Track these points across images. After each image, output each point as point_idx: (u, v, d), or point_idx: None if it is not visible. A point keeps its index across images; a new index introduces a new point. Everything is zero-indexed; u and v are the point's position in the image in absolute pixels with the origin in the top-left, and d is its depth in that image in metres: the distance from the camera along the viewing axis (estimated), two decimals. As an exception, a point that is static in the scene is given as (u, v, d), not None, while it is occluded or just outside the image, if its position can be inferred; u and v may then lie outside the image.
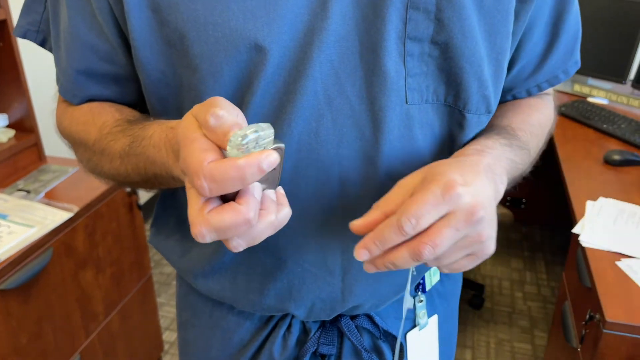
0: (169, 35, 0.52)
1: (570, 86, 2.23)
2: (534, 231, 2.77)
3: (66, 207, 1.32)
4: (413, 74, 0.53)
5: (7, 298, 1.15)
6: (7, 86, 1.45)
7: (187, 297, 0.75)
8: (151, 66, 0.54)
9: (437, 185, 0.44)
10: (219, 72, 0.51)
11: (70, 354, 1.37)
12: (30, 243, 1.18)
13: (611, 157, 1.58)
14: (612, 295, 1.05)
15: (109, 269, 1.49)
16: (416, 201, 0.43)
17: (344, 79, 0.52)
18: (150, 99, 0.58)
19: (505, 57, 0.56)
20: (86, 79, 0.60)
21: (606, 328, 1.01)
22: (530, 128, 0.64)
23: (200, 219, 0.39)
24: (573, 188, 1.44)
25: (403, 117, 0.54)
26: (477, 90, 0.55)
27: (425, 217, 0.43)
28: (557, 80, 0.67)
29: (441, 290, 0.76)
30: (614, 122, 1.83)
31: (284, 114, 0.52)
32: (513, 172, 0.57)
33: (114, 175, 0.59)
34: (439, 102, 0.56)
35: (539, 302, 2.31)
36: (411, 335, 0.73)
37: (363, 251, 0.45)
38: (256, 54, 0.50)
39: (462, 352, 2.05)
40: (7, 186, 1.39)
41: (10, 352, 1.18)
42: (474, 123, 0.58)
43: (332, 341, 0.68)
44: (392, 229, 0.43)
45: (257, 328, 0.70)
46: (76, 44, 0.58)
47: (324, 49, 0.50)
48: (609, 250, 1.18)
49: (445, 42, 0.52)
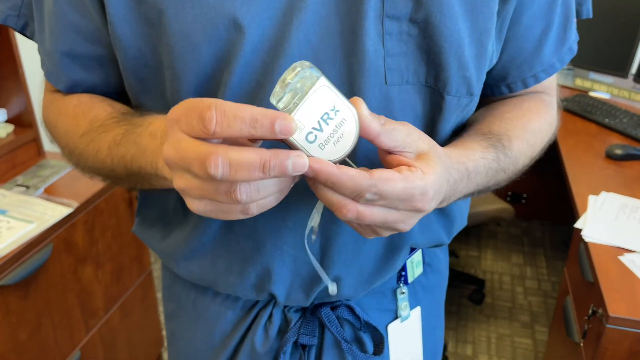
0: (147, 12, 0.51)
1: (571, 80, 2.22)
2: (534, 226, 2.77)
3: (65, 203, 1.31)
4: (392, 54, 0.52)
5: (7, 294, 1.14)
6: (5, 80, 1.44)
7: (172, 288, 0.76)
8: (129, 43, 0.53)
9: (416, 187, 0.44)
10: (197, 51, 0.51)
11: (71, 350, 1.37)
12: (29, 239, 1.17)
13: (613, 151, 1.57)
14: (615, 290, 1.05)
15: (109, 264, 1.48)
16: (393, 188, 0.43)
17: (323, 60, 0.51)
18: (128, 77, 0.57)
19: (488, 38, 0.55)
20: (70, 61, 0.59)
21: (609, 323, 1.00)
22: (528, 136, 0.62)
23: (219, 148, 0.38)
24: (575, 183, 1.43)
25: (382, 99, 0.53)
26: (457, 71, 0.54)
27: (387, 200, 0.43)
28: (553, 69, 0.65)
29: (425, 282, 0.76)
30: (615, 117, 1.83)
31: (262, 94, 0.52)
32: (470, 192, 0.58)
33: (98, 168, 0.58)
34: (420, 83, 0.55)
35: (540, 297, 2.31)
36: (392, 327, 0.73)
37: (304, 164, 0.40)
38: (234, 32, 0.49)
39: (462, 347, 2.05)
40: (6, 181, 1.38)
41: (10, 348, 1.17)
42: (454, 105, 0.56)
43: (313, 331, 0.68)
44: (352, 187, 0.42)
45: (239, 318, 0.70)
46: (60, 25, 0.57)
47: (302, 29, 0.50)
48: (612, 245, 1.17)
49: (424, 19, 0.51)
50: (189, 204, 0.43)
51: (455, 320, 2.17)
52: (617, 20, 1.98)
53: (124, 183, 0.58)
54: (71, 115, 0.61)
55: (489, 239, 2.68)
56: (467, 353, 2.02)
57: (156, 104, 0.58)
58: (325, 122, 0.41)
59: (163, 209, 0.68)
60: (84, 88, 0.62)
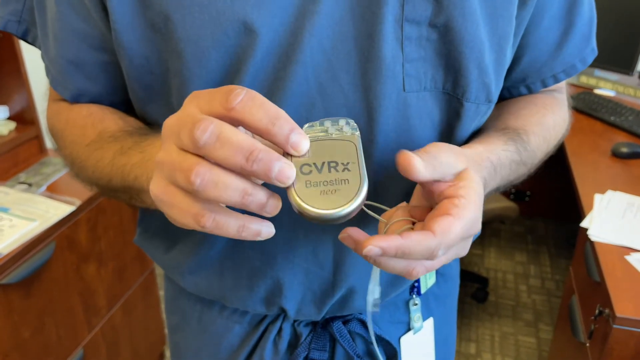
0: (153, 18, 0.49)
1: (576, 78, 2.20)
2: (538, 224, 2.76)
3: (68, 201, 1.30)
4: (411, 60, 0.50)
5: (9, 292, 1.14)
6: (7, 78, 1.43)
7: (176, 301, 0.74)
8: (133, 51, 0.52)
9: (469, 220, 0.43)
10: (206, 57, 0.49)
11: (73, 348, 1.36)
12: (32, 237, 1.17)
13: (619, 149, 1.56)
14: (622, 289, 1.04)
15: (112, 262, 1.48)
16: (455, 234, 0.41)
17: (337, 65, 0.50)
18: (133, 86, 0.55)
19: (507, 42, 0.53)
20: (75, 68, 0.58)
21: (616, 323, 1.00)
22: (544, 132, 0.61)
23: (214, 120, 0.35)
24: (581, 181, 1.42)
25: (400, 106, 0.52)
26: (477, 77, 0.52)
27: (452, 247, 0.43)
28: (574, 70, 0.64)
29: (437, 292, 0.74)
30: (621, 114, 1.81)
31: (273, 101, 0.50)
32: (495, 187, 0.57)
33: (97, 178, 0.56)
34: (437, 90, 0.53)
35: (544, 295, 2.30)
36: (405, 339, 0.71)
37: (376, 249, 0.40)
38: (245, 37, 0.48)
39: (466, 345, 2.04)
40: (8, 179, 1.37)
41: (13, 346, 1.17)
42: (473, 112, 0.55)
43: (324, 346, 0.66)
44: (423, 251, 0.40)
45: (247, 333, 0.68)
46: (65, 32, 0.55)
47: (315, 34, 0.48)
48: (618, 244, 1.16)
49: (445, 24, 0.49)
50: (153, 183, 0.40)
51: (459, 318, 2.17)
52: (622, 18, 1.97)
53: (120, 196, 0.56)
54: (80, 125, 0.59)
55: (492, 237, 2.67)
56: (471, 351, 2.01)
57: (162, 112, 0.56)
58: (328, 169, 0.39)
59: (167, 220, 0.66)
60: (90, 97, 0.60)
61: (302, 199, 0.38)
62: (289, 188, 0.38)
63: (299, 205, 0.38)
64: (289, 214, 0.55)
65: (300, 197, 0.38)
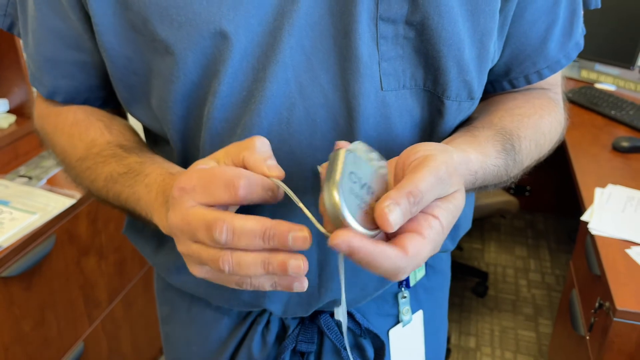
0: (133, 19, 0.50)
1: (577, 72, 2.20)
2: (538, 219, 2.76)
3: (68, 194, 1.30)
4: (387, 58, 0.50)
5: (10, 285, 1.14)
6: (7, 71, 1.43)
7: (165, 292, 0.74)
8: (115, 52, 0.52)
9: (440, 241, 0.41)
10: (183, 60, 0.49)
11: (74, 341, 1.37)
12: (32, 230, 1.17)
13: (620, 143, 1.56)
14: (622, 283, 1.04)
15: (112, 256, 1.48)
16: (425, 255, 0.40)
17: (316, 65, 0.49)
18: (117, 86, 0.56)
19: (490, 38, 0.52)
20: (52, 66, 0.58)
21: (616, 316, 1.00)
22: (537, 137, 0.60)
23: (225, 215, 0.40)
24: (581, 175, 1.42)
25: (379, 105, 0.51)
26: (457, 75, 0.51)
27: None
28: (558, 65, 0.62)
29: (427, 285, 0.73)
30: (621, 109, 1.81)
31: (253, 103, 0.50)
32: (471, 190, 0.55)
33: (94, 192, 0.58)
34: (418, 87, 0.52)
35: (543, 289, 2.30)
36: (394, 332, 0.71)
37: (344, 246, 0.38)
38: (221, 40, 0.48)
39: (466, 339, 2.04)
40: (8, 172, 1.37)
41: (14, 339, 1.17)
42: (454, 110, 0.54)
43: (312, 338, 0.66)
44: (389, 268, 0.39)
45: (235, 324, 0.68)
46: (42, 30, 0.56)
47: (294, 33, 0.48)
48: (619, 238, 1.16)
49: (421, 22, 0.49)
50: (191, 268, 0.44)
51: (459, 312, 2.17)
52: (623, 12, 1.96)
53: (117, 209, 0.58)
54: (67, 133, 0.60)
55: (492, 231, 2.67)
56: (471, 345, 2.02)
57: (145, 113, 0.57)
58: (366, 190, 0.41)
59: None
60: (65, 94, 0.61)
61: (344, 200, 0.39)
62: (332, 183, 0.38)
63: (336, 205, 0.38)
64: (271, 216, 0.55)
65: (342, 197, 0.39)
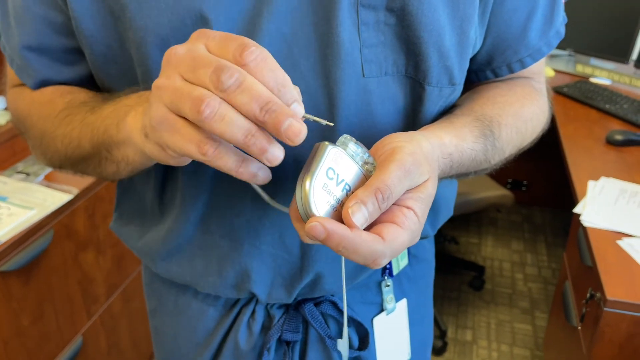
0: (111, 6, 0.49)
1: (572, 66, 2.21)
2: (534, 213, 2.77)
3: (66, 189, 1.31)
4: (369, 45, 0.50)
5: (8, 280, 1.15)
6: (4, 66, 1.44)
7: (152, 285, 0.75)
8: (94, 39, 0.51)
9: (416, 230, 0.42)
10: (166, 46, 0.48)
11: (73, 335, 1.38)
12: (30, 225, 1.18)
13: (613, 137, 1.57)
14: (613, 273, 1.05)
15: (110, 251, 1.49)
16: (401, 244, 0.41)
17: (296, 52, 0.49)
18: (98, 75, 0.55)
19: (470, 24, 0.52)
20: (39, 55, 0.57)
21: (607, 306, 1.01)
22: (518, 124, 0.60)
23: (239, 68, 0.36)
24: (575, 168, 1.43)
25: (360, 92, 0.51)
26: (438, 61, 0.52)
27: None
28: (540, 54, 0.62)
29: (410, 274, 0.74)
30: (616, 102, 1.82)
31: None
32: (448, 177, 0.55)
33: (65, 146, 0.55)
34: (400, 74, 0.52)
35: (540, 283, 2.31)
36: (378, 320, 0.71)
37: (320, 229, 0.38)
38: (202, 26, 0.48)
39: (462, 332, 2.06)
40: (6, 168, 1.38)
41: (13, 334, 1.18)
42: (436, 96, 0.54)
43: (297, 328, 0.67)
44: (367, 253, 0.39)
45: (221, 316, 0.68)
46: (28, 18, 0.54)
47: (273, 20, 0.48)
48: (610, 230, 1.17)
49: (401, 8, 0.49)
50: (153, 108, 0.39)
51: (456, 306, 2.18)
52: (618, 7, 1.97)
53: (90, 164, 0.55)
54: (47, 100, 0.58)
55: (489, 225, 2.68)
56: (467, 339, 2.03)
57: None
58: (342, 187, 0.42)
59: (141, 206, 0.66)
60: (55, 84, 0.60)
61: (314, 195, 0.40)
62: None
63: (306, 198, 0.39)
64: (253, 201, 0.54)
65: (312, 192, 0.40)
